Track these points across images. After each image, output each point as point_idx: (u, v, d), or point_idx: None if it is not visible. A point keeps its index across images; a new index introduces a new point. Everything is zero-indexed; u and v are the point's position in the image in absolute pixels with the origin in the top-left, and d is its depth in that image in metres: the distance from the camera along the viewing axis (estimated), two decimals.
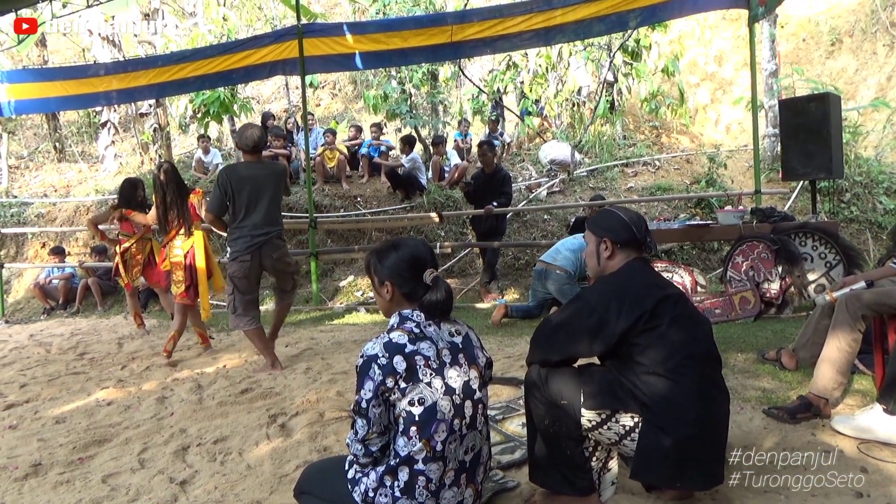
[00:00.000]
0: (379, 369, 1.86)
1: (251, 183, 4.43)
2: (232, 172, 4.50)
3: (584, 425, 2.07)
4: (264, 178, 4.50)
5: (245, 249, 4.40)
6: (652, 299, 2.04)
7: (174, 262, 5.09)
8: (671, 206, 9.09)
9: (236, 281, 4.46)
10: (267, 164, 4.82)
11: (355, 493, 1.94)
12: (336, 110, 15.30)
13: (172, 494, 2.60)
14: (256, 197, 4.43)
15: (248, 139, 4.51)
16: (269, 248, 4.48)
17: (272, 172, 4.62)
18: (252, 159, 4.57)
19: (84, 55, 14.45)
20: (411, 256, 2.03)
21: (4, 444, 3.35)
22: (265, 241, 4.44)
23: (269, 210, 4.48)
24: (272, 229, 4.50)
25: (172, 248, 5.09)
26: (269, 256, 4.47)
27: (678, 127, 12.49)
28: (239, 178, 4.44)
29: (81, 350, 5.86)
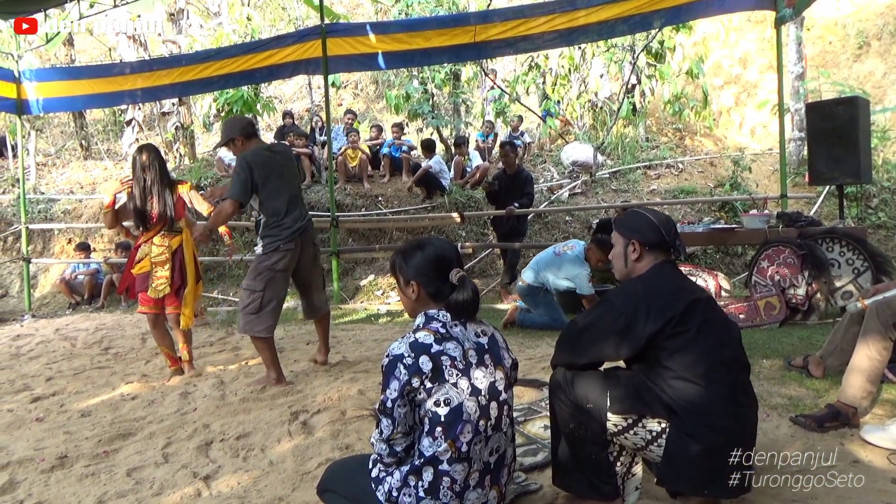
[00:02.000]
0: (405, 369, 1.86)
1: (277, 167, 4.16)
2: (256, 157, 4.10)
3: (609, 429, 2.05)
4: (286, 161, 4.31)
5: (289, 237, 4.07)
6: (681, 303, 2.01)
7: (157, 261, 4.36)
8: (694, 210, 9.01)
9: (270, 277, 4.06)
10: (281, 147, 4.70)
11: (379, 492, 1.94)
12: (358, 110, 15.32)
13: (196, 489, 2.62)
14: (288, 181, 4.20)
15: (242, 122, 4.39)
16: (311, 235, 4.30)
17: (291, 155, 4.56)
18: (259, 143, 4.28)
19: (110, 54, 14.64)
20: (437, 256, 2.02)
21: (31, 437, 3.41)
22: (306, 226, 4.22)
23: (299, 194, 4.31)
24: (305, 215, 4.29)
25: (152, 246, 4.38)
26: (310, 243, 4.26)
27: (702, 129, 12.37)
28: (264, 163, 4.10)
29: (106, 345, 5.93)
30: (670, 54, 10.70)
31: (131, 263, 4.50)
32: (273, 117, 13.45)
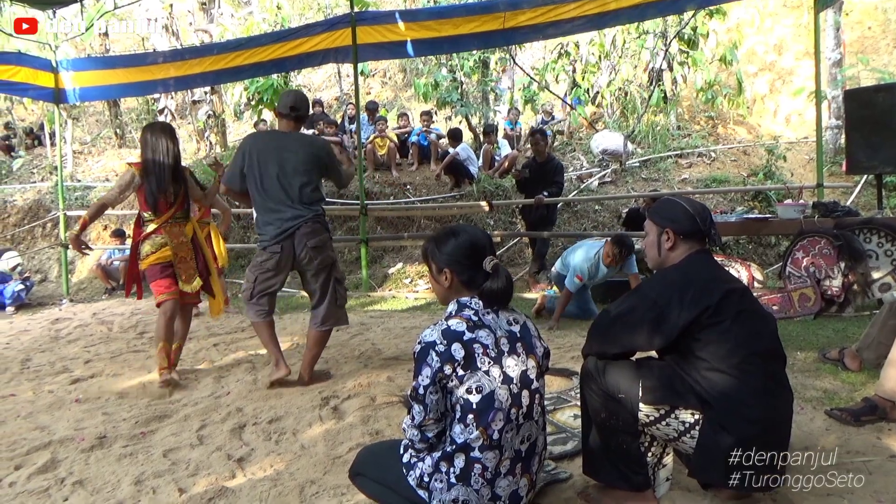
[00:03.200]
0: (437, 356, 1.87)
1: (274, 157, 3.67)
2: (254, 142, 3.76)
3: (641, 420, 2.04)
4: (295, 151, 3.70)
5: (272, 239, 3.67)
6: (716, 293, 1.99)
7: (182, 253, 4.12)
8: (727, 199, 8.86)
9: (260, 272, 3.76)
10: (302, 136, 3.90)
11: (410, 477, 1.96)
12: (386, 98, 15.36)
13: (230, 471, 2.67)
14: (288, 175, 3.66)
15: (284, 100, 3.82)
16: (304, 235, 3.67)
17: (311, 143, 3.85)
18: (286, 127, 3.82)
19: (143, 44, 14.85)
20: (471, 243, 2.02)
21: (71, 417, 3.50)
22: (296, 227, 3.66)
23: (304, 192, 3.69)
24: (305, 213, 3.69)
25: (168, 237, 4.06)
26: (303, 246, 3.66)
27: (735, 117, 12.14)
28: (260, 149, 3.69)
29: (141, 329, 6.06)
30: (703, 41, 10.51)
31: (135, 258, 4.10)
32: None
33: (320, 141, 4.04)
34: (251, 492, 2.45)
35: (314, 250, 3.69)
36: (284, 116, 3.80)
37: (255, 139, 3.78)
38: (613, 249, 5.10)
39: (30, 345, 5.65)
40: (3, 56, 8.16)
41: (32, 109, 16.21)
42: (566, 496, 2.28)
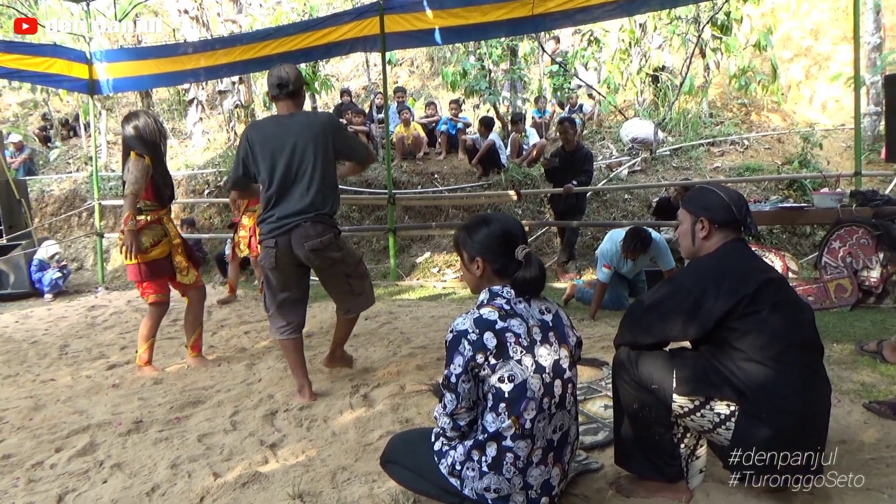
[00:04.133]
0: (469, 345, 1.87)
1: (280, 143, 3.26)
2: (258, 130, 3.36)
3: (675, 411, 2.01)
4: (296, 135, 3.25)
5: (268, 233, 3.32)
6: (753, 283, 1.95)
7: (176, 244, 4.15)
8: (760, 188, 8.69)
9: (266, 274, 3.44)
10: (305, 115, 3.41)
11: (442, 465, 1.97)
12: (413, 87, 15.34)
13: (263, 456, 2.71)
14: (291, 161, 3.26)
15: (270, 79, 3.34)
16: (301, 237, 3.24)
17: (312, 124, 3.29)
18: (284, 109, 3.35)
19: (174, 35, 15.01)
20: (503, 232, 2.01)
21: (109, 402, 3.59)
22: (295, 225, 3.25)
23: (311, 182, 3.26)
24: (307, 210, 3.25)
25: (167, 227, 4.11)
26: (300, 246, 3.25)
27: (769, 104, 11.86)
28: (261, 137, 3.31)
29: (174, 316, 6.15)
30: (737, 26, 10.27)
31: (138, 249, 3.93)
32: (330, 95, 13.58)
33: (324, 115, 3.54)
34: (284, 477, 2.48)
35: (313, 253, 3.27)
36: (277, 98, 3.36)
37: (255, 128, 3.38)
38: (625, 243, 4.96)
39: (67, 331, 5.79)
40: (39, 48, 8.33)
41: (68, 101, 16.53)
42: (597, 486, 2.27)
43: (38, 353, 4.95)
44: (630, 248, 4.94)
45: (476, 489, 1.90)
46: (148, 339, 4.20)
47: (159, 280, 4.12)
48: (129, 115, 4.07)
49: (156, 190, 4.01)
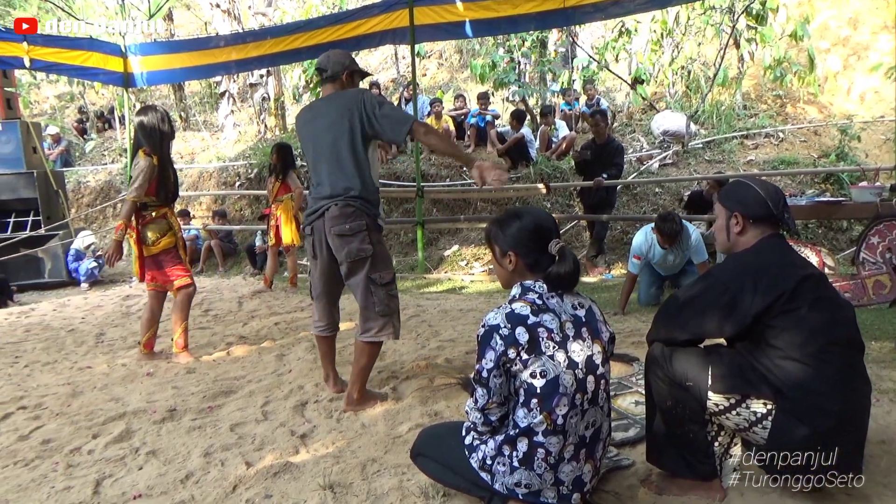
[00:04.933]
0: (501, 339, 1.86)
1: (313, 124, 3.17)
2: (300, 114, 3.33)
3: (709, 409, 1.98)
4: (326, 115, 3.10)
5: (307, 220, 3.20)
6: (792, 279, 1.91)
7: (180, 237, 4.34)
8: (796, 181, 8.51)
9: (310, 262, 3.33)
10: (335, 95, 3.17)
11: (473, 459, 1.96)
12: (442, 80, 15.31)
13: (294, 446, 2.74)
14: (319, 143, 3.11)
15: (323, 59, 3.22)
16: (329, 220, 3.04)
17: (341, 104, 3.07)
18: (325, 93, 3.22)
19: (206, 28, 15.19)
20: (536, 226, 1.99)
21: (144, 390, 3.66)
22: (325, 209, 3.06)
23: (337, 162, 3.05)
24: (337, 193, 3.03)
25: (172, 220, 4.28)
26: (329, 231, 3.05)
27: (805, 96, 11.59)
28: (304, 121, 3.26)
29: (206, 307, 6.27)
30: (772, 16, 10.03)
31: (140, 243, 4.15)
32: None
33: (352, 91, 3.15)
34: (314, 468, 2.50)
35: (339, 239, 3.01)
36: (319, 84, 3.33)
37: (302, 113, 3.33)
38: (657, 227, 4.96)
39: (103, 319, 5.92)
40: (76, 42, 8.48)
41: (103, 93, 16.86)
42: (629, 483, 2.25)
43: (76, 341, 5.07)
44: (665, 232, 4.90)
45: (507, 484, 1.90)
46: (181, 324, 4.32)
47: (180, 265, 4.27)
48: (140, 109, 4.22)
49: (158, 188, 4.10)
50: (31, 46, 7.64)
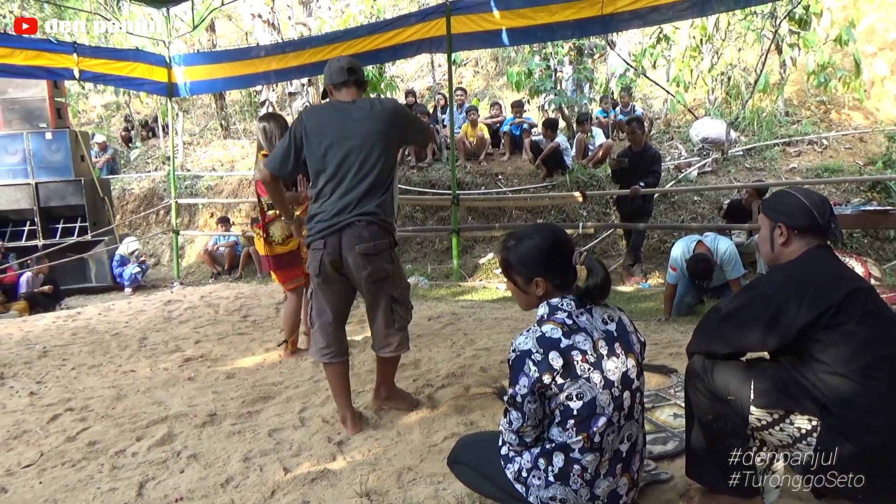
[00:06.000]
0: (534, 365, 1.82)
1: (336, 130, 2.88)
2: (311, 115, 2.98)
3: (751, 423, 1.94)
4: (359, 122, 2.88)
5: (317, 233, 2.91)
6: (839, 292, 1.86)
7: None
8: (840, 190, 8.29)
9: (312, 281, 3.06)
10: (370, 101, 2.98)
11: (508, 470, 1.96)
12: (478, 87, 15.35)
13: (331, 453, 2.77)
14: (349, 150, 2.86)
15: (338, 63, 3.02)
16: (353, 237, 2.84)
17: (378, 112, 2.90)
18: (347, 96, 2.99)
19: (247, 38, 15.51)
20: (553, 242, 1.94)
21: (185, 394, 3.74)
22: (347, 224, 2.84)
23: (370, 176, 2.86)
24: (364, 210, 2.84)
25: None
26: (351, 249, 2.84)
27: (851, 102, 11.29)
28: (318, 123, 2.93)
29: (245, 312, 6.37)
30: (816, 20, 9.81)
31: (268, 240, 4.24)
32: (395, 96, 13.74)
33: (389, 102, 3.05)
34: (351, 475, 2.53)
35: (364, 258, 2.84)
36: (342, 85, 3.01)
37: (311, 113, 3.00)
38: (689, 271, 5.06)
39: (146, 324, 6.07)
40: (123, 53, 8.76)
41: (147, 103, 17.31)
42: (667, 498, 2.21)
43: (120, 345, 5.21)
44: (692, 272, 5.04)
45: (541, 497, 1.88)
46: (291, 327, 4.47)
47: (298, 267, 4.36)
48: (263, 116, 4.39)
49: None
50: (81, 58, 7.91)
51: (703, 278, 5.03)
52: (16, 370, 4.59)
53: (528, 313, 2.03)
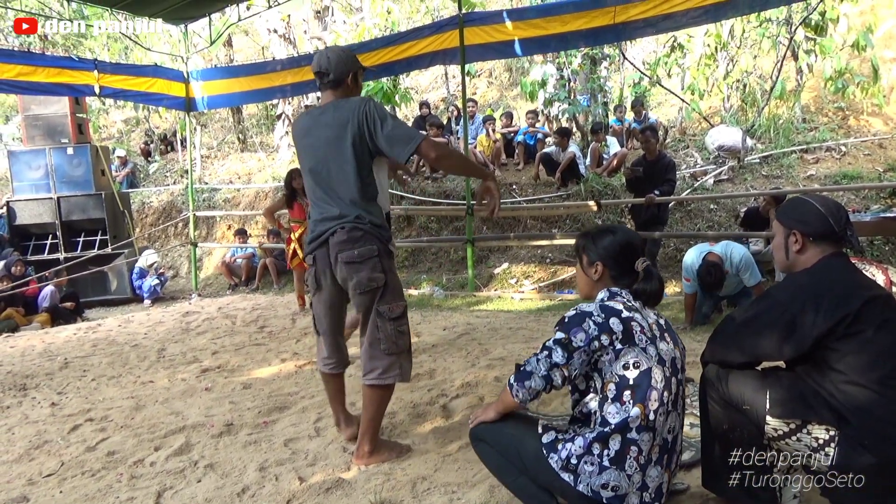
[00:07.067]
0: (594, 325, 1.90)
1: (312, 136, 2.76)
2: (295, 124, 2.93)
3: (768, 434, 1.92)
4: (328, 126, 2.70)
5: (308, 248, 2.85)
6: (857, 300, 1.84)
7: None
8: (860, 196, 8.19)
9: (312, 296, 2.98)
10: (337, 104, 2.75)
11: (552, 459, 1.92)
12: (491, 98, 15.39)
13: (345, 463, 2.78)
14: (320, 158, 2.73)
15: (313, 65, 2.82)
16: (335, 246, 2.69)
17: (343, 115, 2.67)
18: (325, 99, 2.81)
19: (263, 53, 15.69)
20: (627, 241, 2.09)
21: (202, 404, 3.78)
22: (331, 233, 2.70)
23: (341, 181, 2.69)
24: (343, 215, 2.68)
25: None
26: (335, 259, 2.70)
27: (869, 108, 11.17)
28: (298, 134, 2.86)
29: (261, 324, 6.42)
30: (833, 26, 9.74)
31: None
32: (410, 107, 13.83)
33: (355, 100, 2.70)
34: (366, 484, 2.54)
35: (348, 267, 2.67)
36: (320, 88, 2.85)
37: (296, 122, 2.92)
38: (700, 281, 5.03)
39: (164, 335, 6.14)
40: (142, 69, 8.90)
41: (166, 117, 17.57)
42: None
43: (139, 356, 5.27)
44: (704, 282, 5.02)
45: (592, 485, 1.86)
46: None
47: None
48: None
49: None
50: (101, 74, 8.05)
51: (714, 287, 5.01)
52: (38, 381, 4.66)
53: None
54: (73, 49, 15.72)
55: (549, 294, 7.56)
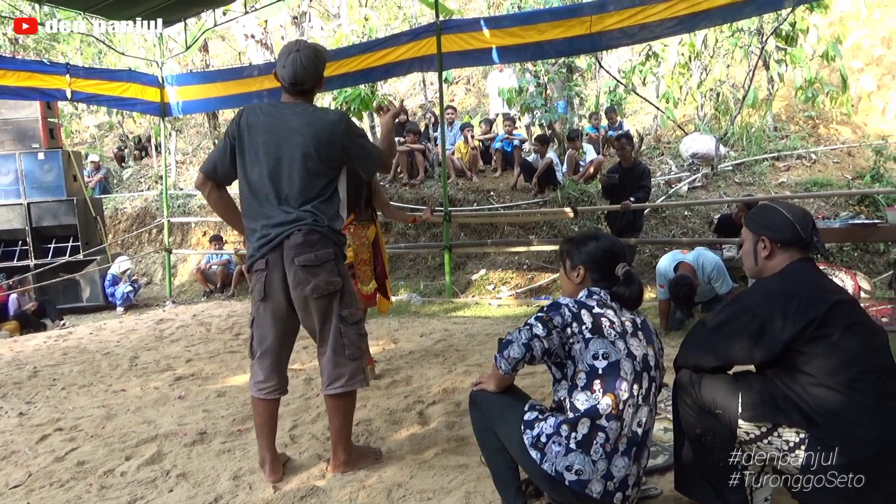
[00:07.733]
0: (569, 312, 2.02)
1: (276, 134, 2.60)
2: (249, 114, 2.66)
3: (740, 437, 1.95)
4: (297, 128, 2.59)
5: (254, 252, 2.63)
6: (823, 304, 1.88)
7: (363, 256, 4.15)
8: (829, 203, 8.36)
9: (254, 309, 2.72)
10: (313, 109, 2.69)
11: (525, 435, 2.00)
12: (469, 105, 15.45)
13: (321, 470, 2.77)
14: (282, 157, 2.59)
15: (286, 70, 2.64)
16: (291, 249, 2.56)
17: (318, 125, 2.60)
18: (289, 99, 2.70)
19: (240, 58, 15.59)
20: (609, 247, 2.18)
21: (175, 413, 3.72)
22: (286, 236, 2.57)
23: (306, 184, 2.59)
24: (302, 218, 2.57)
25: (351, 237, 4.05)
26: (291, 263, 2.56)
27: (838, 117, 11.42)
28: (254, 124, 2.63)
29: (237, 331, 6.36)
30: (803, 36, 9.95)
31: None
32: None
33: (333, 115, 2.69)
34: (340, 492, 2.52)
35: (304, 270, 2.55)
36: (286, 90, 2.71)
37: (250, 112, 2.68)
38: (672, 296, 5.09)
39: (137, 343, 6.04)
40: (116, 73, 8.81)
41: (140, 122, 17.33)
42: None
43: (111, 364, 5.18)
44: (674, 295, 5.09)
45: (557, 466, 1.93)
46: None
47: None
48: None
49: None
50: (73, 79, 7.94)
51: (685, 303, 5.10)
52: (6, 391, 4.56)
53: None
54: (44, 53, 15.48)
55: (526, 300, 7.59)
